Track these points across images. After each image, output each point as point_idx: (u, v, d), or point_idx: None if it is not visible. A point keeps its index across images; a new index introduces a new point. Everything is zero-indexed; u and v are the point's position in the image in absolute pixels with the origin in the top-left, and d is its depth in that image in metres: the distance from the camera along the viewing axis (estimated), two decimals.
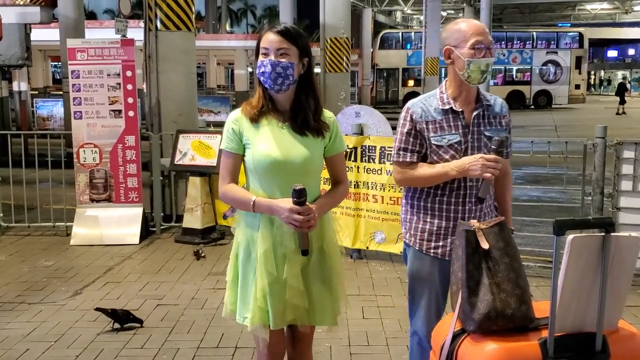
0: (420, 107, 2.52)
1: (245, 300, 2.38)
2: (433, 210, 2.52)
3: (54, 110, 15.87)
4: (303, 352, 2.58)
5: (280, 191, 2.33)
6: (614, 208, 5.16)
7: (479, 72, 2.41)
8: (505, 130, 2.57)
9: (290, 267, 2.32)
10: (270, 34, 2.33)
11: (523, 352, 1.88)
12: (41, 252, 6.12)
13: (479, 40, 2.39)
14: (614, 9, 42.84)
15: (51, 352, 3.84)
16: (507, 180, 2.69)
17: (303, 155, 2.35)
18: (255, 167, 2.35)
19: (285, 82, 2.32)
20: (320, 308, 2.41)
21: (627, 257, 1.91)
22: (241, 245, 2.40)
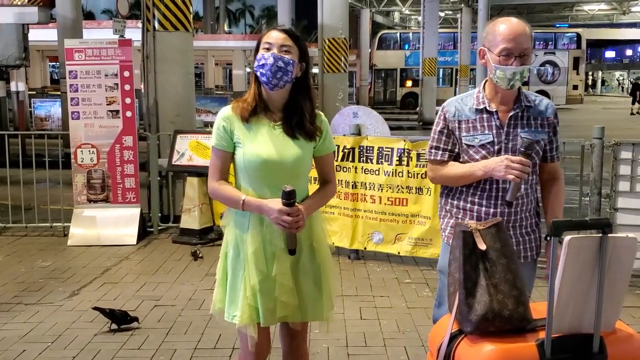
0: (455, 105, 2.52)
1: (234, 298, 2.39)
2: (465, 209, 2.50)
3: (52, 110, 15.82)
4: (298, 347, 2.60)
5: (270, 191, 2.35)
6: (611, 209, 5.17)
7: (505, 79, 2.38)
8: (546, 132, 2.50)
9: (280, 265, 2.35)
10: (274, 32, 2.38)
11: (520, 353, 1.88)
12: (38, 252, 6.11)
13: (507, 47, 2.35)
14: (612, 10, 42.91)
15: (48, 353, 3.83)
16: (556, 187, 2.59)
17: (294, 157, 2.37)
18: (246, 166, 2.37)
19: (284, 77, 2.32)
20: (311, 304, 2.43)
21: (624, 258, 1.91)
22: (230, 244, 2.42)
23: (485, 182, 2.44)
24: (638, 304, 4.64)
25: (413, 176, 5.45)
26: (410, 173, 5.45)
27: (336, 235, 5.84)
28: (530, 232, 2.53)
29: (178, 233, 6.56)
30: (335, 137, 5.89)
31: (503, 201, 2.42)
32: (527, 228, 2.52)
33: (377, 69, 34.21)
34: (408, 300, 4.78)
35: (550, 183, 2.59)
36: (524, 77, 2.39)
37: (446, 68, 33.26)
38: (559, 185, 2.61)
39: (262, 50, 2.35)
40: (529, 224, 2.52)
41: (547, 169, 2.59)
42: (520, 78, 2.39)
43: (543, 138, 2.49)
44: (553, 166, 2.59)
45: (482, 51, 2.46)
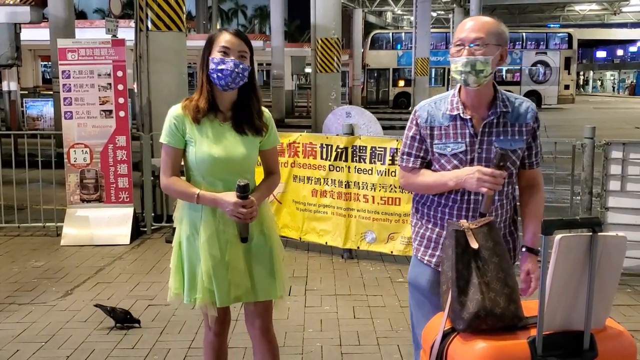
0: (428, 110, 2.37)
1: (192, 282, 2.57)
2: (435, 218, 2.40)
3: (44, 110, 15.75)
4: (265, 331, 2.71)
5: (222, 183, 2.52)
6: (602, 208, 5.21)
7: (457, 72, 2.23)
8: (524, 140, 2.33)
9: (233, 250, 2.53)
10: (228, 35, 2.47)
11: (512, 350, 1.90)
12: (31, 252, 6.10)
13: (460, 37, 2.24)
14: (603, 10, 43.11)
15: (42, 353, 3.83)
16: (535, 195, 2.43)
17: (243, 154, 2.54)
18: (198, 164, 2.51)
19: (240, 82, 2.48)
20: (264, 285, 2.61)
21: (615, 256, 1.93)
22: (184, 234, 2.58)
23: (457, 192, 2.32)
24: (629, 302, 4.68)
25: None
26: None
27: (329, 235, 5.86)
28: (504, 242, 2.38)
29: (171, 233, 6.55)
30: (328, 137, 5.94)
31: (476, 212, 2.29)
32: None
33: (369, 68, 34.25)
34: (401, 299, 4.80)
35: (529, 191, 2.45)
36: (479, 71, 2.20)
37: (438, 68, 33.33)
38: (539, 194, 2.45)
39: (217, 53, 2.44)
40: (502, 234, 2.39)
41: (525, 175, 2.44)
42: (475, 72, 2.21)
43: (520, 147, 2.34)
44: (532, 173, 2.43)
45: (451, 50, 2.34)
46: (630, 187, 5.15)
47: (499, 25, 2.28)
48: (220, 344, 2.79)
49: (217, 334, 2.75)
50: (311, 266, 5.62)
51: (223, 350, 2.83)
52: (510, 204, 2.44)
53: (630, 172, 5.14)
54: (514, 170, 2.38)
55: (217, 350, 2.79)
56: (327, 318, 4.37)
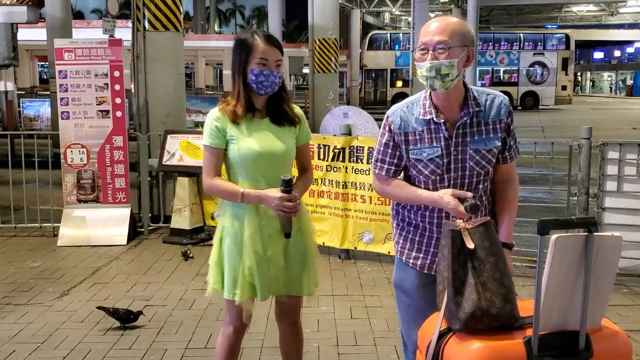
0: (400, 116, 2.33)
1: (235, 278, 2.62)
2: (416, 221, 2.40)
3: (41, 110, 15.73)
4: (293, 324, 2.87)
5: (264, 180, 2.60)
6: (599, 208, 5.22)
7: (422, 77, 2.20)
8: (499, 137, 2.32)
9: (274, 245, 2.62)
10: (266, 45, 2.55)
11: (508, 350, 1.90)
12: (28, 253, 6.09)
13: (423, 41, 2.20)
14: (600, 11, 43.23)
15: (38, 354, 3.82)
16: (509, 190, 2.41)
17: (283, 148, 2.63)
18: (242, 160, 2.59)
19: (276, 88, 2.60)
20: (298, 280, 2.71)
21: (610, 256, 1.93)
22: (227, 230, 2.64)
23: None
24: (625, 303, 4.69)
25: None
26: None
27: (327, 235, 5.86)
28: None
29: (168, 233, 6.55)
30: (325, 137, 5.94)
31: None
32: None
33: (367, 69, 34.26)
34: None
35: (503, 186, 2.42)
36: (445, 75, 2.17)
37: None
38: (513, 189, 2.43)
39: (257, 65, 2.54)
40: None
41: (500, 170, 2.40)
42: (440, 76, 2.18)
43: (496, 145, 2.32)
44: (507, 167, 2.40)
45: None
46: (627, 188, 5.15)
47: (463, 25, 2.24)
48: (237, 341, 2.82)
49: (237, 330, 2.78)
50: None
51: (238, 348, 2.86)
52: (487, 200, 2.43)
53: (626, 173, 5.14)
54: (490, 169, 2.36)
55: (233, 347, 2.81)
56: (324, 318, 4.37)
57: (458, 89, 2.28)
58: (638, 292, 4.92)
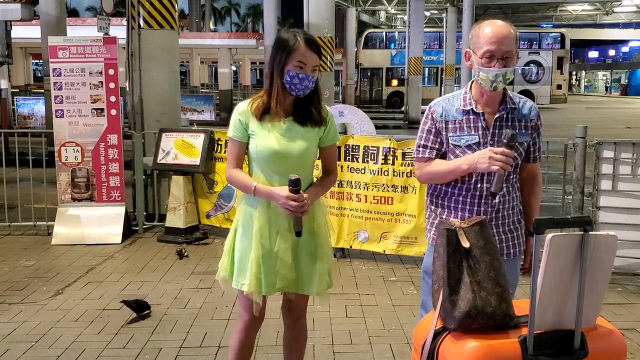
0: (442, 106, 2.54)
1: (242, 269, 2.67)
2: (449, 209, 2.52)
3: (35, 108, 15.67)
4: (298, 320, 2.92)
5: (278, 177, 2.64)
6: (594, 207, 5.23)
7: (487, 81, 2.40)
8: (530, 134, 2.53)
9: (282, 242, 2.65)
10: (306, 49, 2.59)
11: (503, 349, 1.90)
12: (22, 251, 6.06)
13: (490, 50, 2.37)
14: (595, 11, 43.31)
15: (32, 353, 3.80)
16: (534, 185, 2.65)
17: (301, 148, 2.66)
18: (258, 156, 2.65)
19: (307, 92, 2.64)
20: (308, 279, 2.72)
21: (605, 255, 1.94)
22: (240, 221, 2.71)
23: (470, 181, 2.46)
24: (620, 301, 4.70)
25: (398, 175, 5.47)
26: (395, 172, 5.48)
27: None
28: (513, 229, 2.55)
29: (163, 232, 6.54)
30: None
31: (488, 192, 2.44)
32: (510, 225, 2.54)
33: (363, 68, 34.27)
34: (393, 298, 4.80)
35: (529, 182, 2.64)
36: (507, 79, 2.41)
37: (431, 67, 33.41)
38: (537, 185, 2.67)
39: (294, 67, 2.57)
40: (511, 222, 2.54)
41: (527, 168, 2.62)
42: (504, 80, 2.41)
43: (526, 140, 2.52)
44: (534, 166, 2.64)
45: (468, 53, 2.49)
46: (622, 187, 5.17)
47: (515, 31, 2.46)
48: (248, 336, 2.84)
49: (248, 325, 2.80)
50: None
51: (249, 343, 2.87)
52: (516, 192, 2.58)
53: (621, 172, 5.16)
54: (519, 161, 2.54)
55: (244, 342, 2.83)
56: (319, 317, 4.36)
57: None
58: (632, 291, 4.93)
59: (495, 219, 2.50)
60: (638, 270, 5.17)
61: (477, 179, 2.46)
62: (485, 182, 2.45)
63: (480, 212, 2.46)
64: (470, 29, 2.58)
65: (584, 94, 59.17)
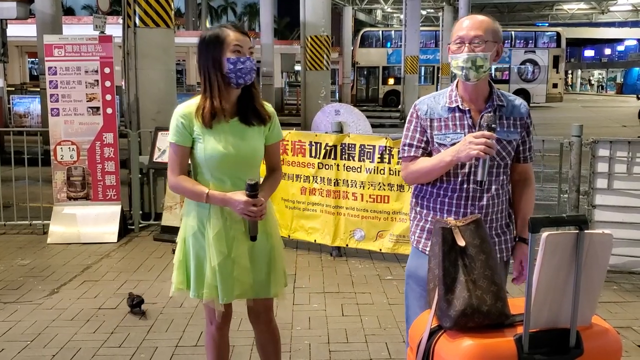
0: (427, 103, 2.49)
1: (199, 278, 2.61)
2: (435, 210, 2.46)
3: (31, 107, 15.61)
4: (267, 324, 2.85)
5: (230, 181, 2.57)
6: (589, 205, 5.24)
7: (458, 67, 2.34)
8: (519, 132, 2.45)
9: (238, 247, 2.58)
10: (237, 33, 2.51)
11: (499, 348, 1.90)
12: (17, 250, 6.05)
13: (459, 35, 2.34)
14: (591, 9, 43.42)
15: (27, 352, 3.79)
16: (525, 187, 2.54)
17: (251, 149, 2.60)
18: (207, 160, 2.55)
19: (252, 78, 2.56)
20: (265, 283, 2.69)
21: (601, 253, 1.94)
22: (191, 230, 2.61)
23: (456, 181, 2.39)
24: (615, 299, 4.71)
25: (394, 173, 5.47)
26: (391, 170, 5.48)
27: (318, 233, 5.86)
28: (501, 233, 2.48)
29: (159, 231, 6.53)
30: (317, 135, 5.93)
31: (474, 184, 2.36)
32: (498, 229, 2.47)
33: (359, 66, 34.25)
34: (389, 296, 4.80)
35: (522, 184, 2.55)
36: (479, 66, 2.32)
37: (428, 66, 33.41)
38: (530, 187, 2.56)
39: (232, 53, 2.49)
40: (499, 226, 2.47)
41: (518, 169, 2.53)
42: (475, 67, 2.32)
43: (515, 138, 2.45)
44: (525, 167, 2.54)
45: (449, 48, 2.44)
46: (617, 185, 5.18)
47: (494, 23, 2.40)
48: (222, 337, 2.82)
49: (219, 327, 2.77)
50: (300, 264, 5.62)
51: (224, 344, 2.85)
52: (506, 195, 2.51)
53: (617, 170, 5.17)
54: (509, 162, 2.47)
55: (219, 344, 2.81)
56: (315, 316, 4.36)
57: (485, 83, 2.45)
58: (628, 289, 4.94)
59: (483, 222, 2.40)
60: (634, 269, 5.19)
61: (463, 179, 2.39)
62: (472, 183, 2.38)
63: (467, 214, 2.38)
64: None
65: (580, 93, 59.28)
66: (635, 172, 5.14)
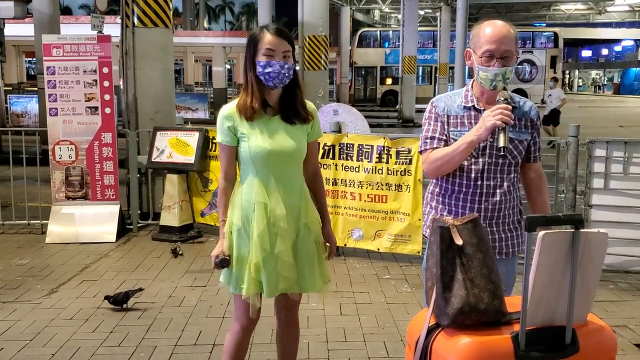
0: (444, 101, 2.58)
1: (240, 273, 2.64)
2: (450, 206, 2.55)
3: (29, 106, 15.61)
4: (292, 316, 2.91)
5: (274, 177, 2.62)
6: (586, 205, 5.27)
7: (487, 80, 2.44)
8: (530, 133, 2.56)
9: (282, 243, 2.62)
10: (273, 36, 2.56)
11: (496, 345, 1.92)
12: (16, 250, 6.05)
13: (489, 49, 2.41)
14: (588, 10, 43.50)
15: (26, 351, 3.80)
16: (541, 183, 2.69)
17: (294, 146, 2.64)
18: (252, 158, 2.60)
19: (286, 80, 2.59)
20: (309, 277, 2.72)
21: (596, 252, 1.96)
22: (236, 225, 2.65)
23: (470, 177, 2.48)
24: (611, 298, 4.74)
25: (392, 173, 5.49)
26: (389, 170, 5.50)
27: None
28: (513, 228, 2.57)
29: (158, 230, 6.54)
30: None
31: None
32: (510, 225, 2.56)
33: (357, 66, 34.28)
34: (387, 295, 4.82)
35: (537, 180, 2.67)
36: (506, 78, 2.44)
37: (425, 66, 33.46)
38: (544, 182, 2.71)
39: (263, 56, 2.55)
40: (511, 221, 2.56)
41: (533, 168, 2.66)
42: (503, 79, 2.44)
43: (526, 138, 2.55)
44: (537, 166, 2.67)
45: (468, 53, 2.52)
46: (613, 185, 5.21)
47: (515, 31, 2.49)
48: (244, 337, 2.83)
49: (246, 327, 2.79)
50: None
51: (246, 344, 2.88)
52: (517, 191, 2.60)
53: (613, 170, 5.20)
54: (520, 161, 2.57)
55: (241, 344, 2.83)
56: (313, 315, 4.38)
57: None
58: (624, 288, 4.97)
59: (497, 217, 2.52)
60: (630, 268, 5.21)
61: (478, 175, 2.49)
62: (486, 180, 2.48)
63: (481, 210, 2.48)
64: (471, 29, 2.62)
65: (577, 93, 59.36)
66: (631, 172, 5.16)
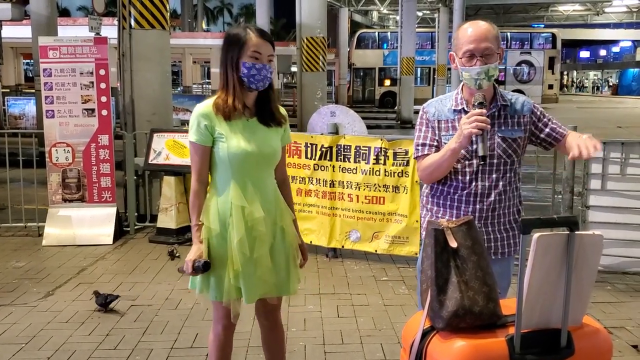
0: (435, 106, 2.60)
1: (219, 279, 2.60)
2: (445, 207, 2.56)
3: (26, 108, 15.57)
4: (275, 321, 2.89)
5: (250, 180, 2.58)
6: (583, 206, 5.26)
7: (471, 79, 2.44)
8: (523, 130, 2.54)
9: (261, 247, 2.60)
10: (259, 39, 2.54)
11: (490, 348, 1.91)
12: (12, 252, 6.03)
13: (469, 49, 2.42)
14: (586, 11, 43.59)
15: (22, 355, 3.79)
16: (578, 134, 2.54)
17: (271, 148, 2.63)
18: (230, 159, 2.54)
19: (268, 83, 2.58)
20: (285, 281, 2.71)
21: (591, 254, 1.95)
22: (214, 230, 2.59)
23: (464, 179, 2.50)
24: (609, 300, 4.73)
25: (390, 175, 5.49)
26: (387, 172, 5.49)
27: (314, 234, 5.86)
28: (509, 228, 2.57)
29: (155, 232, 6.52)
30: (312, 136, 5.94)
31: (483, 198, 2.47)
32: (506, 225, 2.56)
33: (355, 68, 34.31)
34: (385, 297, 4.82)
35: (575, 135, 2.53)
36: (491, 75, 2.43)
37: (424, 67, 33.50)
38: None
39: (249, 58, 2.51)
40: (507, 221, 2.56)
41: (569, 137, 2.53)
42: (487, 77, 2.44)
43: (520, 136, 2.54)
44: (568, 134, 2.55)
45: (452, 56, 2.54)
46: (611, 186, 5.20)
47: (495, 29, 2.50)
48: (227, 338, 2.81)
49: (227, 327, 2.76)
50: None
51: (229, 345, 2.85)
52: (514, 191, 2.58)
53: (610, 171, 5.19)
54: (517, 159, 2.56)
55: (224, 345, 2.81)
56: (310, 317, 4.37)
57: (490, 86, 2.53)
58: (622, 290, 4.96)
59: (492, 217, 2.53)
60: (627, 269, 5.21)
61: (472, 177, 2.50)
62: (480, 181, 2.49)
63: (476, 211, 2.50)
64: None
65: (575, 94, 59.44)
66: (628, 173, 5.16)
